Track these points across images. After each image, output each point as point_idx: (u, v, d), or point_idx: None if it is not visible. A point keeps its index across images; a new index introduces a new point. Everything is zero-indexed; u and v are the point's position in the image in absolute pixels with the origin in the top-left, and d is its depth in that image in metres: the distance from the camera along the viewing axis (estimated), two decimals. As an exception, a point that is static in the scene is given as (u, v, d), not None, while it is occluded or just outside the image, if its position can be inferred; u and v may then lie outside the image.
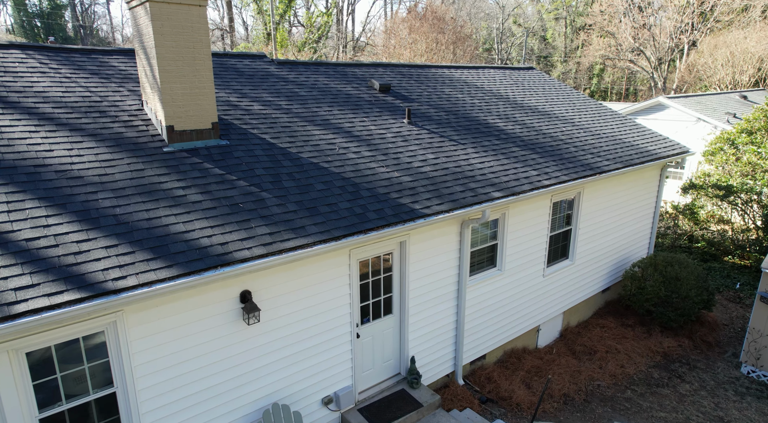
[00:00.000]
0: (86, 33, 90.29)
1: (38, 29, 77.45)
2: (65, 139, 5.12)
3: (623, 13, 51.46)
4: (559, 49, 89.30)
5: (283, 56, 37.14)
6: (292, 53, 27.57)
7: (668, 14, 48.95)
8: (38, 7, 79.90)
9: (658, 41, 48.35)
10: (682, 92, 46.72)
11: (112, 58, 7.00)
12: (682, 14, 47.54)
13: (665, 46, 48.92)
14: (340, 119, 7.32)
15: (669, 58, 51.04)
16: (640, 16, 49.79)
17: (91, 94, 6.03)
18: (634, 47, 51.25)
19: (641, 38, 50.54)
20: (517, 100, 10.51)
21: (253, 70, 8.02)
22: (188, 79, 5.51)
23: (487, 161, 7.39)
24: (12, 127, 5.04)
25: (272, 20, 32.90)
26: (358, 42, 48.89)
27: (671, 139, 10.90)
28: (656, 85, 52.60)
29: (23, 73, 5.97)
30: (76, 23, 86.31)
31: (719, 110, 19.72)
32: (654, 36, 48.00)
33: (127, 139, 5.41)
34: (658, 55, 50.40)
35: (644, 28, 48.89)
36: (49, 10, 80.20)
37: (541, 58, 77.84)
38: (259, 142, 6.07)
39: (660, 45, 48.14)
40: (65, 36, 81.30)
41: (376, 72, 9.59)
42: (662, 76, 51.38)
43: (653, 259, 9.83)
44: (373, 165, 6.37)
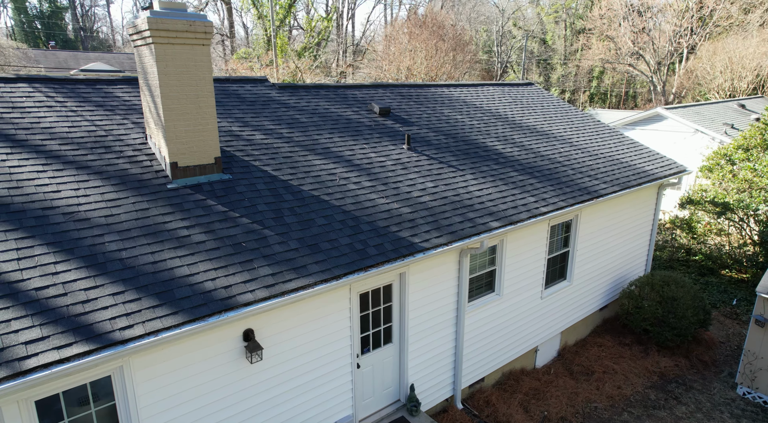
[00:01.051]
0: (86, 35, 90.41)
1: (38, 32, 77.60)
2: (72, 178, 5.23)
3: (623, 17, 51.57)
4: (558, 52, 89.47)
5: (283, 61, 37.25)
6: (293, 61, 27.68)
7: (667, 18, 49.07)
8: (38, 9, 79.96)
9: (657, 46, 48.47)
10: (682, 97, 46.81)
11: (116, 88, 7.12)
12: (681, 19, 47.66)
13: (664, 51, 49.04)
14: (340, 147, 7.42)
15: (668, 62, 51.16)
16: (640, 20, 49.90)
17: (96, 128, 6.14)
18: (634, 51, 51.38)
19: (640, 42, 50.68)
20: (516, 119, 10.61)
21: (254, 96, 8.13)
22: (192, 116, 5.61)
23: (486, 188, 7.49)
24: (21, 167, 5.15)
25: (272, 26, 32.79)
26: (358, 46, 49.02)
27: (668, 158, 11.01)
28: (655, 89, 52.73)
29: (30, 108, 6.08)
30: (77, 26, 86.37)
31: (717, 121, 19.82)
32: (653, 40, 48.10)
33: (131, 176, 5.52)
34: (658, 59, 50.52)
35: (643, 32, 48.99)
36: (50, 13, 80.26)
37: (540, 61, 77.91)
38: (261, 175, 6.18)
39: (659, 49, 48.25)
40: (66, 38, 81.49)
41: (375, 94, 9.70)
42: (661, 79, 51.50)
43: (650, 278, 9.93)
44: (373, 196, 6.48)
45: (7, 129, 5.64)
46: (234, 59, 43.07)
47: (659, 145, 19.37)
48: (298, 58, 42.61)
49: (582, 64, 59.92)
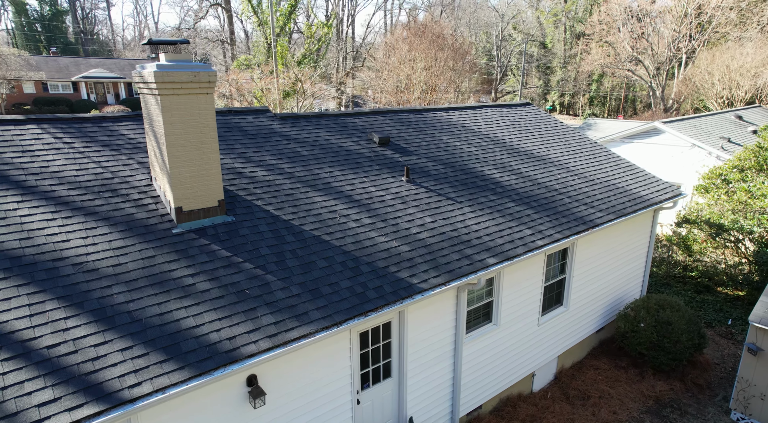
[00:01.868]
0: (87, 38, 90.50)
1: (39, 35, 77.75)
2: (80, 226, 5.39)
3: (622, 23, 51.74)
4: (558, 55, 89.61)
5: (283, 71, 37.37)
6: (293, 71, 27.86)
7: (666, 24, 49.22)
8: (39, 12, 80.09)
9: (656, 51, 48.62)
10: (681, 102, 46.90)
11: (121, 126, 7.28)
12: (680, 24, 47.83)
13: (663, 56, 49.20)
14: (341, 181, 7.58)
15: (667, 67, 51.33)
16: (639, 26, 50.07)
17: (103, 170, 6.30)
18: (633, 57, 51.55)
19: (639, 48, 50.86)
20: (514, 143, 10.77)
21: (256, 129, 8.29)
22: (196, 162, 5.78)
23: (483, 221, 7.65)
24: (31, 216, 5.31)
25: (272, 34, 32.93)
26: (358, 52, 49.17)
27: (664, 181, 11.16)
28: (654, 94, 52.91)
29: (39, 151, 6.25)
30: (77, 29, 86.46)
31: (714, 134, 19.98)
32: (652, 46, 48.25)
33: (138, 222, 5.68)
34: (656, 65, 50.68)
35: (642, 37, 49.15)
36: (50, 16, 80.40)
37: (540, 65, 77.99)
38: (263, 216, 6.34)
39: (658, 55, 48.39)
40: (66, 42, 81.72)
41: (375, 121, 9.86)
42: (660, 84, 51.67)
43: (646, 301, 10.08)
44: (372, 234, 6.64)
45: (17, 175, 5.80)
46: (234, 68, 43.26)
47: (657, 158, 19.53)
48: (298, 64, 42.84)
49: (582, 68, 60.09)
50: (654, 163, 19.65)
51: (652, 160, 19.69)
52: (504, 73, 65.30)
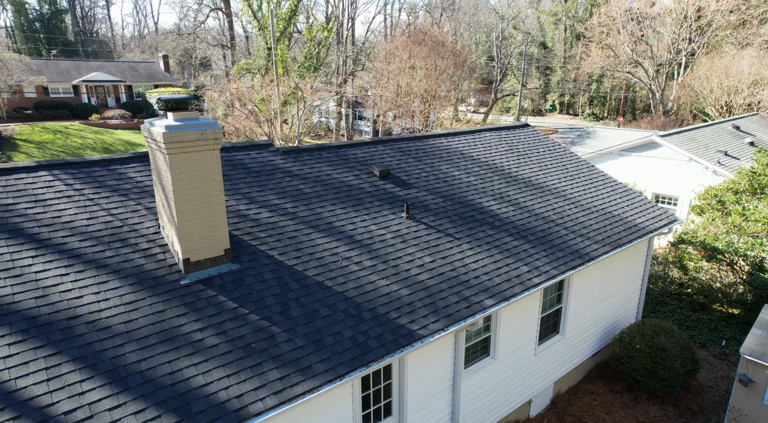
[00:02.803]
0: (86, 38, 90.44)
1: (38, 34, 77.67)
2: (92, 280, 5.60)
3: (622, 25, 51.76)
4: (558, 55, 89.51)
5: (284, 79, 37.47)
6: (293, 80, 27.98)
7: (666, 26, 49.25)
8: (38, 11, 79.98)
9: (655, 53, 48.68)
10: (680, 107, 46.99)
11: (129, 168, 7.47)
12: (680, 27, 47.89)
13: (663, 58, 49.26)
14: (342, 220, 7.79)
15: (667, 70, 51.41)
16: (638, 28, 50.10)
17: (112, 218, 6.50)
18: (632, 59, 51.62)
19: (639, 50, 50.93)
20: (512, 170, 10.97)
21: (260, 165, 8.48)
22: (203, 215, 5.98)
23: (481, 258, 7.86)
24: (45, 272, 5.52)
25: (272, 38, 32.99)
26: (358, 56, 49.22)
27: (659, 207, 11.36)
28: (654, 96, 53.01)
29: (51, 200, 6.45)
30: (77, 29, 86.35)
31: (711, 147, 20.16)
32: (651, 48, 48.30)
33: (147, 273, 5.89)
34: (656, 67, 50.76)
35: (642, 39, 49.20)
36: (50, 15, 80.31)
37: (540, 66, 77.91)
38: (268, 262, 6.55)
39: (657, 57, 48.44)
40: (66, 41, 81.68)
41: (376, 151, 10.05)
42: (660, 87, 51.76)
43: (641, 327, 10.31)
44: (373, 277, 6.85)
45: (31, 227, 6.00)
46: (234, 73, 43.35)
47: (655, 171, 19.71)
48: (298, 68, 42.91)
49: (581, 70, 60.14)
50: (652, 175, 19.84)
51: (650, 173, 19.88)
52: (504, 74, 65.31)
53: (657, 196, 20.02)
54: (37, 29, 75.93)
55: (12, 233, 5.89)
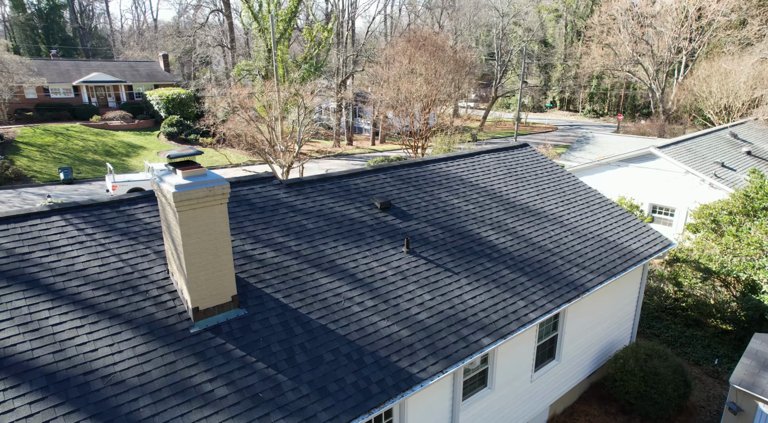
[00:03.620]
0: (85, 32, 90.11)
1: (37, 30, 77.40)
2: (106, 332, 5.86)
3: (622, 24, 51.66)
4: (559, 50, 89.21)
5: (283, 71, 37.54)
6: (294, 87, 28.09)
7: (667, 26, 49.17)
8: (36, 6, 79.62)
9: (656, 52, 48.63)
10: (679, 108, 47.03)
11: (137, 209, 7.71)
12: (681, 26, 47.84)
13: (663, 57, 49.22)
14: (344, 257, 8.03)
15: (667, 69, 51.39)
16: (639, 28, 50.02)
17: (123, 264, 6.75)
18: (633, 58, 51.60)
19: (639, 49, 50.91)
20: (510, 196, 11.20)
21: (264, 201, 8.71)
22: (211, 266, 6.22)
23: (479, 294, 8.12)
24: (61, 325, 5.77)
25: (273, 40, 32.99)
26: (359, 55, 49.16)
27: (654, 231, 11.59)
28: (654, 95, 53.02)
29: (64, 247, 6.69)
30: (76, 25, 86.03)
31: (708, 158, 20.36)
32: (652, 47, 48.26)
33: (158, 322, 6.14)
34: (656, 67, 50.76)
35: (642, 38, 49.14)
36: (48, 10, 79.97)
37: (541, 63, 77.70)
38: (273, 306, 6.80)
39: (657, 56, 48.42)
40: (65, 36, 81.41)
41: (377, 180, 10.27)
42: (660, 86, 51.75)
43: (635, 350, 10.59)
44: (375, 318, 7.11)
45: (46, 277, 6.25)
46: (234, 74, 43.34)
47: (652, 182, 19.93)
48: (298, 67, 42.93)
49: (582, 69, 60.07)
50: (650, 186, 20.07)
51: (648, 184, 20.10)
52: (504, 71, 65.23)
53: (655, 206, 20.27)
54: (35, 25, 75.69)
55: (29, 284, 6.14)
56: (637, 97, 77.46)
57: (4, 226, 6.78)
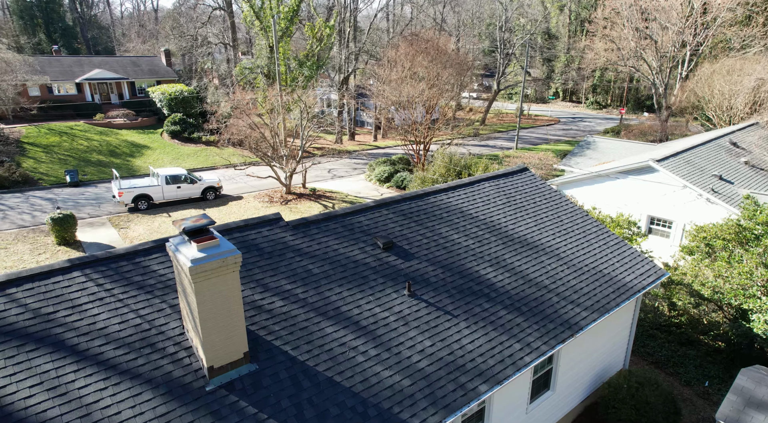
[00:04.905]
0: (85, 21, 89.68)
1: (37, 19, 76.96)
2: (128, 393, 6.30)
3: (627, 19, 51.28)
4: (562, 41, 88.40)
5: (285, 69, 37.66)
6: (296, 92, 28.24)
7: (672, 20, 48.79)
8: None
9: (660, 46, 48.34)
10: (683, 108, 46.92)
11: (151, 260, 8.11)
12: (685, 22, 47.51)
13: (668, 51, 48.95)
14: (349, 303, 8.45)
15: (670, 65, 51.16)
16: (643, 23, 49.67)
17: (141, 320, 7.17)
18: (637, 54, 51.33)
19: (643, 45, 50.62)
20: (509, 228, 11.55)
21: (271, 245, 9.10)
22: (225, 328, 6.64)
23: (477, 338, 8.54)
24: (86, 388, 6.21)
25: (275, 38, 33.21)
26: (360, 53, 49.02)
27: (650, 261, 11.95)
28: (657, 90, 52.81)
29: (85, 305, 7.11)
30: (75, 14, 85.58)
31: (706, 170, 20.60)
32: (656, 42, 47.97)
33: (175, 381, 6.58)
34: (660, 63, 50.52)
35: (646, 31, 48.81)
36: (47, 0, 79.47)
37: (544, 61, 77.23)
38: (282, 360, 7.23)
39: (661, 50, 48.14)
40: (65, 26, 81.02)
41: (379, 217, 10.63)
42: (663, 82, 51.53)
43: (627, 378, 11.05)
44: (378, 368, 7.54)
45: (71, 338, 6.68)
46: (236, 73, 43.34)
47: (651, 194, 20.22)
48: (300, 65, 42.94)
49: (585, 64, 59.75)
50: (648, 198, 20.36)
51: (646, 196, 20.39)
52: (507, 64, 64.89)
53: (653, 218, 20.59)
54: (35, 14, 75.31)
55: (55, 346, 6.57)
56: (640, 89, 77.08)
57: (30, 285, 7.19)
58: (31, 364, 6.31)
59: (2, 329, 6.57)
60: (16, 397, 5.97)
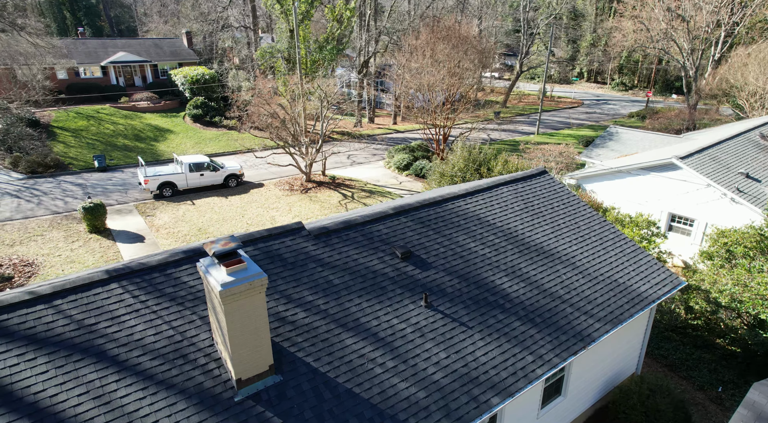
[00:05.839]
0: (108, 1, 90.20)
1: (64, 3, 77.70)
2: (164, 402, 6.83)
3: None
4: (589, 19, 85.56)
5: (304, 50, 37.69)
6: (317, 83, 28.30)
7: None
8: (59, -24, 79.60)
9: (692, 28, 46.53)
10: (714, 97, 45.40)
11: (181, 272, 8.58)
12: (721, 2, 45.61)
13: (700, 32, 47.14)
14: (368, 314, 8.83)
15: (703, 47, 49.33)
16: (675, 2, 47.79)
17: (173, 332, 7.68)
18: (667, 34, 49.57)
19: (675, 25, 48.82)
20: (525, 235, 11.72)
21: (294, 255, 9.49)
22: (252, 343, 7.09)
23: (491, 350, 8.86)
24: (127, 396, 6.76)
25: (295, 21, 33.22)
26: (380, 36, 48.49)
27: (666, 270, 12.01)
28: (687, 73, 51.09)
29: (123, 316, 7.64)
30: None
31: (733, 167, 20.21)
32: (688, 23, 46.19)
33: (207, 392, 7.09)
34: (691, 44, 48.72)
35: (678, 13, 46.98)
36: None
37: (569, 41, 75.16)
38: (305, 371, 7.69)
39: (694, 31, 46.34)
40: (89, 4, 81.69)
41: (398, 225, 10.91)
42: (694, 65, 49.77)
43: (639, 385, 11.29)
44: (395, 380, 7.95)
45: (111, 349, 7.22)
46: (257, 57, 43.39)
47: (673, 192, 19.98)
48: (320, 49, 42.78)
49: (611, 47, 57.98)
50: (669, 195, 20.14)
51: (668, 193, 20.17)
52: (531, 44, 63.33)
53: (674, 216, 20.39)
54: (61, 0, 76.11)
55: (98, 356, 7.12)
56: (670, 69, 74.51)
57: (73, 297, 7.74)
58: (78, 374, 6.87)
59: (52, 340, 7.15)
60: (66, 405, 6.55)
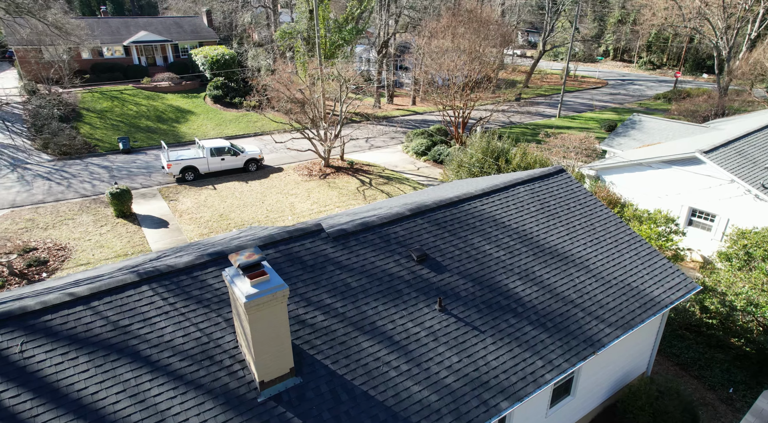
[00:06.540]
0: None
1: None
2: (193, 402, 7.35)
3: (691, -26, 47.33)
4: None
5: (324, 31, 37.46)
6: (336, 69, 28.22)
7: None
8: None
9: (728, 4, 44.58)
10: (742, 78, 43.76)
11: (207, 274, 9.03)
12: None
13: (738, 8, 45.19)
14: (384, 318, 9.19)
15: (739, 26, 47.36)
16: (710, -22, 45.73)
17: (200, 333, 8.16)
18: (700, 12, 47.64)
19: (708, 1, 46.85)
20: (540, 237, 11.86)
21: (313, 258, 9.85)
22: (274, 348, 7.52)
23: (502, 355, 9.17)
24: (160, 396, 7.29)
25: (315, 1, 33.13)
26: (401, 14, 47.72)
27: (681, 274, 12.05)
28: (720, 53, 49.23)
29: (153, 318, 8.14)
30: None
31: (759, 161, 19.79)
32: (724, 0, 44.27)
33: (232, 392, 7.59)
34: (726, 23, 46.79)
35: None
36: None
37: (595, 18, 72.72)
38: (323, 374, 8.13)
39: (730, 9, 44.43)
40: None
41: (414, 227, 11.15)
42: (728, 43, 47.88)
43: (648, 386, 11.53)
44: (408, 383, 8.35)
45: (144, 349, 7.74)
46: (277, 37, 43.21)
47: (695, 186, 19.71)
48: (339, 30, 42.40)
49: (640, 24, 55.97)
50: (691, 189, 19.87)
51: (690, 187, 19.89)
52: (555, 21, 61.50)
53: (695, 210, 20.15)
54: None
55: (132, 356, 7.65)
56: (701, 48, 71.71)
57: (109, 299, 8.26)
58: (115, 373, 7.42)
59: (91, 340, 7.69)
60: (105, 402, 7.11)
